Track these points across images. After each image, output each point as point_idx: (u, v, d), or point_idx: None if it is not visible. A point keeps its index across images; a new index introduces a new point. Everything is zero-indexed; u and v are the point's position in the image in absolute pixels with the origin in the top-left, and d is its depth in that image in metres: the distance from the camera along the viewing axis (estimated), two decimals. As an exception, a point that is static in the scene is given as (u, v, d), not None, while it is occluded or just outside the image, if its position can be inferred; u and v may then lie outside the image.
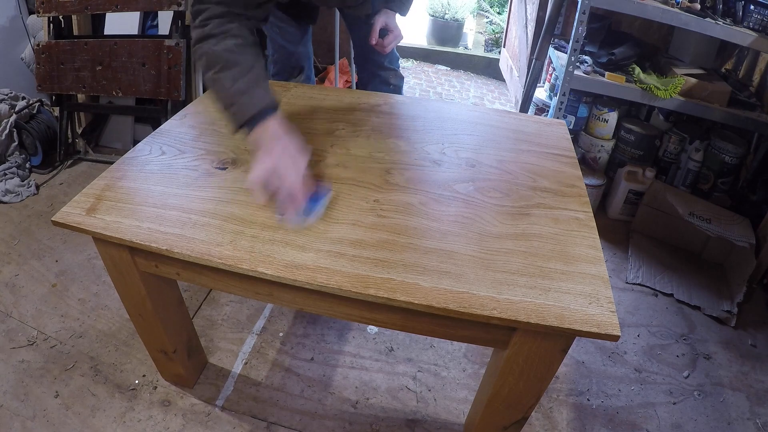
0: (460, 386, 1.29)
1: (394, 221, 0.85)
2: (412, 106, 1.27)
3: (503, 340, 0.78)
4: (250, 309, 1.47)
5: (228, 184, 0.92)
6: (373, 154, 1.04)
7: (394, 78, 1.59)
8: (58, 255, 1.62)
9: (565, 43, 2.05)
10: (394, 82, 1.60)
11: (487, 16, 4.21)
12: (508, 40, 3.07)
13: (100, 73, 1.95)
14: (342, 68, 2.64)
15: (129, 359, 1.30)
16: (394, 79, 1.59)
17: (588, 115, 1.99)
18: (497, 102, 3.12)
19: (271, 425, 1.17)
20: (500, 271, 0.76)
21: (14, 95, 2.04)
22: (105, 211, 0.84)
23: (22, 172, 1.95)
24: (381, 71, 1.57)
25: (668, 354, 1.44)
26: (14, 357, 1.29)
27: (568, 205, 0.93)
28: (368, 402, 1.24)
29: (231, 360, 1.32)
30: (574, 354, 1.40)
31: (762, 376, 1.39)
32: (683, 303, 1.60)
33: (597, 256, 0.81)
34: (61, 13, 1.94)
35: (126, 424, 1.15)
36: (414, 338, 1.40)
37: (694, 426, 1.25)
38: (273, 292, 0.83)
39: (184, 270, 0.87)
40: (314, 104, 1.24)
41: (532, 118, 1.29)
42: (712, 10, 1.67)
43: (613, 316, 0.70)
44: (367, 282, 0.73)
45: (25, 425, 1.13)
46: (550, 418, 1.23)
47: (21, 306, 1.44)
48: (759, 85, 1.90)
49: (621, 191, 1.91)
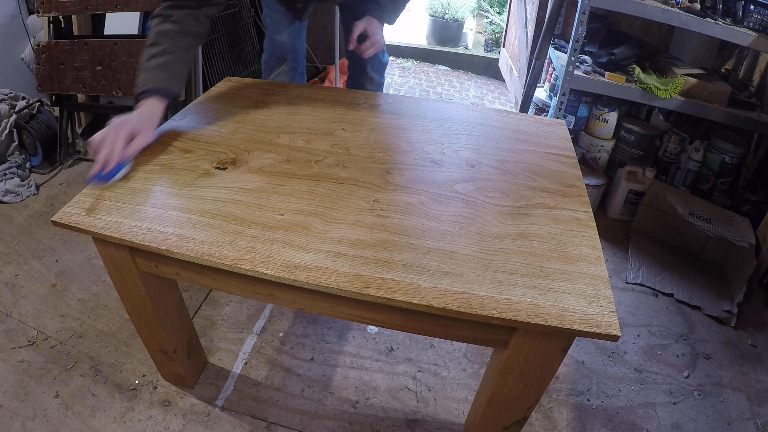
0: (460, 386, 1.29)
1: (393, 221, 0.85)
2: (412, 106, 1.27)
3: (503, 340, 0.78)
4: (250, 309, 1.47)
5: (228, 184, 0.92)
6: (373, 154, 1.04)
7: (370, 85, 1.61)
8: (58, 255, 1.62)
9: (565, 43, 2.05)
10: (370, 88, 1.62)
11: (487, 16, 4.21)
12: (508, 40, 3.07)
13: (100, 73, 1.95)
14: (342, 68, 2.64)
15: (129, 359, 1.30)
16: (371, 86, 1.61)
17: (588, 115, 1.99)
18: (497, 102, 3.12)
19: (271, 425, 1.17)
20: (500, 271, 0.76)
21: (14, 95, 2.04)
22: (105, 211, 0.84)
23: (22, 172, 1.96)
24: (360, 76, 1.60)
25: (668, 354, 1.43)
26: (14, 357, 1.29)
27: (568, 205, 0.93)
28: (368, 402, 1.24)
29: (231, 360, 1.32)
30: (574, 354, 1.40)
31: (762, 376, 1.39)
32: (683, 303, 1.60)
33: (597, 256, 0.81)
34: (61, 13, 1.94)
35: (126, 424, 1.15)
36: (414, 338, 1.40)
37: (694, 426, 1.25)
38: (273, 292, 0.83)
39: (184, 270, 0.87)
40: (314, 104, 1.24)
41: (532, 118, 1.29)
42: (712, 10, 1.67)
43: (613, 316, 0.70)
44: (367, 282, 0.73)
45: (25, 425, 1.13)
46: (550, 418, 1.23)
47: (21, 306, 1.44)
48: (759, 85, 1.90)
49: (621, 191, 1.91)
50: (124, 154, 0.92)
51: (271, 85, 1.35)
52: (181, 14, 1.03)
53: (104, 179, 0.90)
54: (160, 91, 1.00)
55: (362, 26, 1.26)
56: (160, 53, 1.01)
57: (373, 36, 1.26)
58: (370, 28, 1.26)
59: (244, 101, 1.24)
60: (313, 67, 2.87)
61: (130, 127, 0.94)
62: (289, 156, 1.02)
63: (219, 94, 1.27)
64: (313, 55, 2.86)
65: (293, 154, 1.03)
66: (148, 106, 0.99)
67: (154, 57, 1.01)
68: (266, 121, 1.15)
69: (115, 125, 0.93)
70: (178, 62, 1.04)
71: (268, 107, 1.22)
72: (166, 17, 1.03)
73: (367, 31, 1.26)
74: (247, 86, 1.32)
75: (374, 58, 1.54)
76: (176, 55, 1.03)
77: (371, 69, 1.58)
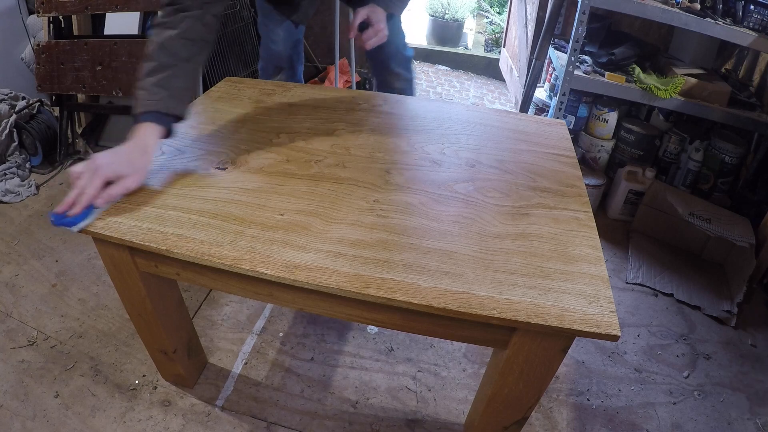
0: (460, 386, 1.29)
1: (394, 221, 0.85)
2: (412, 106, 1.27)
3: (503, 340, 0.78)
4: (250, 309, 1.47)
5: (228, 184, 0.92)
6: (373, 154, 1.04)
7: (398, 81, 1.47)
8: (58, 255, 1.62)
9: (565, 43, 2.05)
10: (399, 86, 1.50)
11: (487, 16, 4.21)
12: (508, 40, 3.07)
13: (100, 73, 1.95)
14: (342, 68, 2.64)
15: (129, 359, 1.30)
16: (398, 83, 1.47)
17: (588, 115, 1.99)
18: (497, 102, 3.12)
19: (271, 425, 1.17)
20: (500, 271, 0.76)
21: (14, 95, 2.04)
22: (105, 211, 0.84)
23: (22, 172, 1.96)
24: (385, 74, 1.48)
25: (668, 354, 1.43)
26: (14, 357, 1.29)
27: (568, 205, 0.93)
28: (368, 402, 1.24)
29: (231, 360, 1.32)
30: (574, 354, 1.40)
31: (762, 376, 1.39)
32: (683, 303, 1.60)
33: (597, 256, 0.81)
34: (61, 13, 1.94)
35: (126, 424, 1.15)
36: (414, 338, 1.40)
37: (694, 426, 1.25)
38: (273, 292, 0.83)
39: (184, 270, 0.87)
40: (314, 104, 1.24)
41: (532, 118, 1.29)
42: (712, 10, 1.67)
43: (613, 316, 0.70)
44: (367, 282, 0.73)
45: (25, 425, 1.13)
46: (550, 418, 1.23)
47: (21, 306, 1.44)
48: (759, 85, 1.90)
49: (621, 191, 1.91)
50: (100, 200, 0.81)
51: (271, 85, 1.35)
52: (180, 18, 0.90)
53: (66, 223, 0.79)
54: (154, 116, 0.88)
55: (364, 13, 1.13)
56: (157, 69, 0.88)
57: (376, 24, 1.13)
58: (373, 16, 1.14)
59: (244, 101, 1.24)
60: (313, 67, 2.87)
61: (113, 170, 0.82)
62: (289, 156, 1.02)
63: (219, 94, 1.27)
64: (313, 55, 2.86)
65: (293, 154, 1.03)
66: (140, 136, 0.87)
67: (150, 74, 0.88)
68: (266, 121, 1.15)
69: (97, 164, 0.81)
70: (178, 77, 0.90)
71: (268, 107, 1.22)
72: (164, 25, 0.90)
73: (370, 18, 1.14)
74: (247, 86, 1.32)
75: (395, 53, 1.42)
76: (176, 68, 0.90)
77: (395, 64, 1.45)
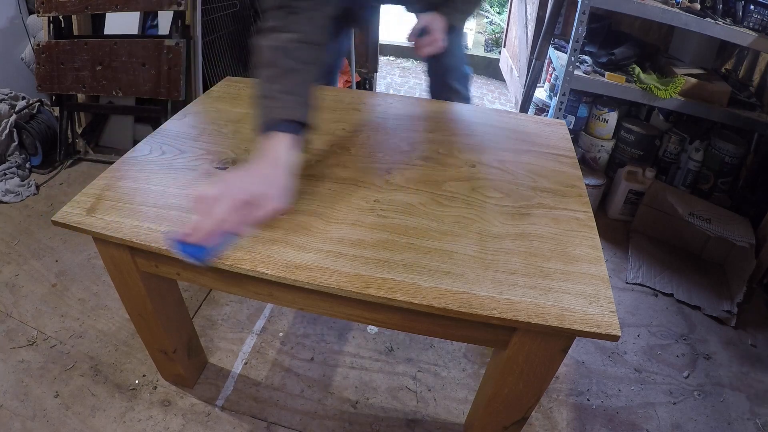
0: (460, 386, 1.29)
1: (394, 221, 0.85)
2: (412, 106, 1.27)
3: (503, 340, 0.78)
4: (250, 309, 1.47)
5: (228, 184, 0.92)
6: (374, 154, 1.04)
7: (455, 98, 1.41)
8: (58, 255, 1.62)
9: (565, 43, 2.05)
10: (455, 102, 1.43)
11: (487, 16, 4.21)
12: (508, 40, 3.07)
13: (100, 73, 1.95)
14: (342, 68, 2.64)
15: (129, 359, 1.30)
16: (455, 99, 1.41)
17: (588, 115, 1.99)
18: (497, 102, 3.12)
19: (271, 425, 1.17)
20: (500, 271, 0.76)
21: (14, 95, 2.04)
22: (105, 211, 0.84)
23: (22, 172, 1.96)
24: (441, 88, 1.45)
25: (668, 354, 1.44)
26: (14, 357, 1.29)
27: (568, 205, 0.93)
28: (368, 402, 1.24)
29: (231, 360, 1.31)
30: (574, 354, 1.40)
31: (762, 376, 1.39)
32: (683, 303, 1.60)
33: (597, 256, 0.81)
34: (61, 13, 1.94)
35: (126, 424, 1.15)
36: (414, 338, 1.40)
37: (694, 426, 1.25)
38: (273, 292, 0.83)
39: (184, 270, 0.87)
40: (314, 104, 1.24)
41: (532, 118, 1.29)
42: (712, 10, 1.67)
43: (613, 316, 0.70)
44: (367, 282, 0.73)
45: (25, 425, 1.13)
46: (550, 418, 1.23)
47: (21, 306, 1.44)
48: (759, 85, 1.90)
49: (621, 191, 1.91)
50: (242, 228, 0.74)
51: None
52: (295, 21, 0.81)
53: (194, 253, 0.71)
54: (286, 125, 0.78)
55: (426, 20, 1.14)
56: (280, 75, 0.78)
57: (433, 33, 1.13)
58: (433, 25, 1.14)
59: (244, 101, 1.24)
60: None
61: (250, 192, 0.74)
62: (289, 156, 1.02)
63: (219, 94, 1.27)
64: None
65: (293, 154, 1.02)
66: (271, 149, 0.77)
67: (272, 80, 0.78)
68: (266, 121, 1.15)
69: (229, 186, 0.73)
70: (305, 83, 0.81)
71: (268, 107, 1.21)
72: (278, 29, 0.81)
73: (430, 27, 1.14)
74: (247, 86, 1.32)
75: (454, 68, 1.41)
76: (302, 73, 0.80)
77: (453, 79, 1.42)
